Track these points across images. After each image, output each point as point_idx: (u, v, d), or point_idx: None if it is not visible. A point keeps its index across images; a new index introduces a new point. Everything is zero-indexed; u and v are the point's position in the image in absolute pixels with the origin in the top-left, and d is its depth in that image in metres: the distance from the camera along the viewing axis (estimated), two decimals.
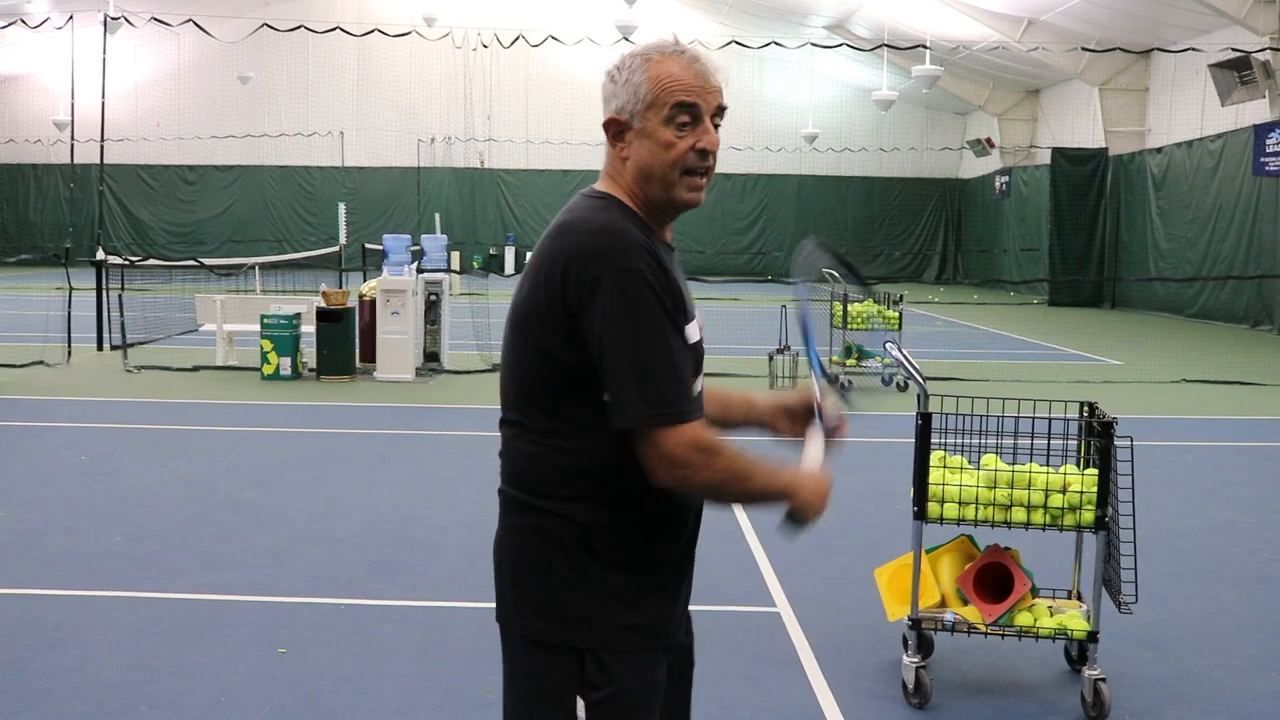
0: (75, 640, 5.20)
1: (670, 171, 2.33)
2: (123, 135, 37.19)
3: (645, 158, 2.34)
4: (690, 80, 2.32)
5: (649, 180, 2.35)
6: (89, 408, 11.80)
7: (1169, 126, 27.96)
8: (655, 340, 2.22)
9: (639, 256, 2.24)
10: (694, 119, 2.33)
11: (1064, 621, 4.69)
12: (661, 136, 2.32)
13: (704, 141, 2.34)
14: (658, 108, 2.32)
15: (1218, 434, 11.36)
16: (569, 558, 2.34)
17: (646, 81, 2.32)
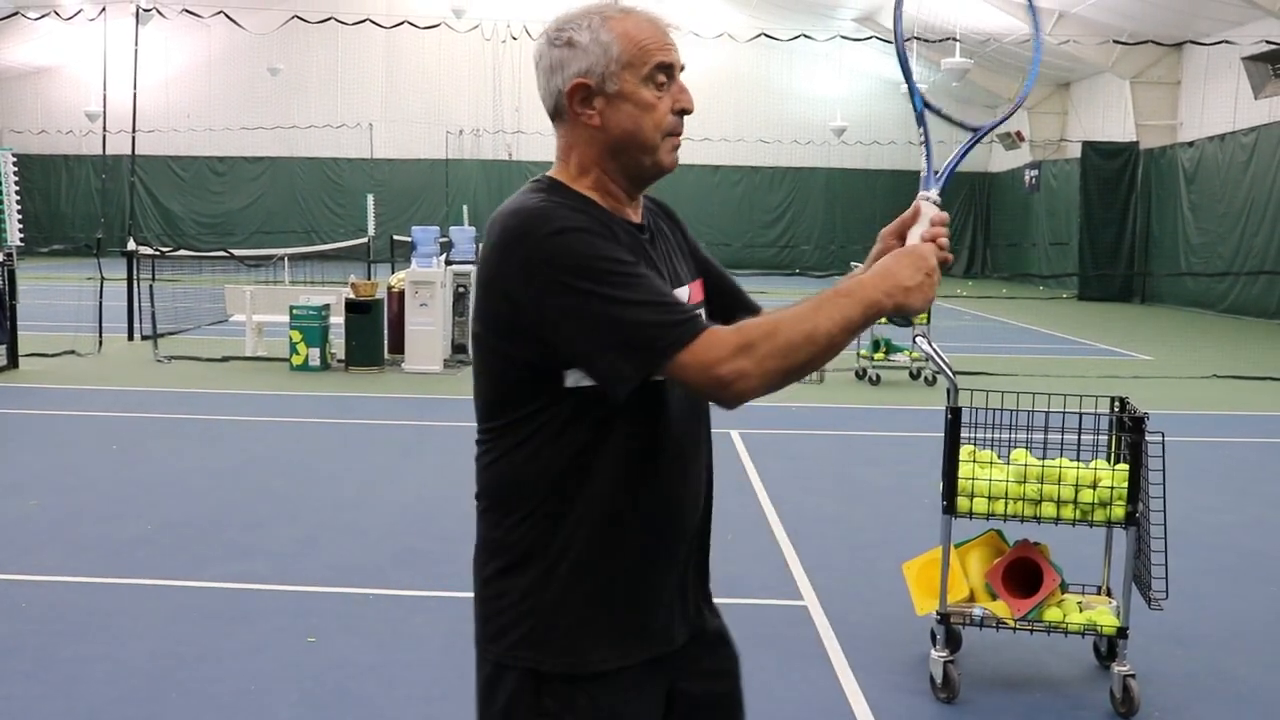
0: (105, 627, 5.24)
1: (654, 134, 2.14)
2: (153, 127, 37.31)
3: (625, 123, 2.14)
4: (660, 37, 2.15)
5: (630, 148, 2.15)
6: (119, 397, 11.88)
7: (1201, 120, 27.73)
8: (618, 284, 2.00)
9: (553, 220, 2.04)
10: (669, 79, 2.15)
11: (1093, 617, 4.66)
12: (642, 98, 2.13)
13: (684, 100, 2.17)
14: (635, 67, 2.12)
15: (1249, 430, 11.27)
16: (519, 567, 2.16)
17: (617, 40, 2.12)
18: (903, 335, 12.19)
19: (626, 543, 2.16)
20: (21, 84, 41.64)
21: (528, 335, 2.06)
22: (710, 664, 2.36)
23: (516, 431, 2.14)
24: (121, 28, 20.88)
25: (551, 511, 2.14)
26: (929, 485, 6.16)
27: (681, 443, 2.21)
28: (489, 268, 2.10)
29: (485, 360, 2.17)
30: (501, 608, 2.18)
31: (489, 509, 2.22)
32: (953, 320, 22.23)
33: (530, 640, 2.15)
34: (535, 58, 2.22)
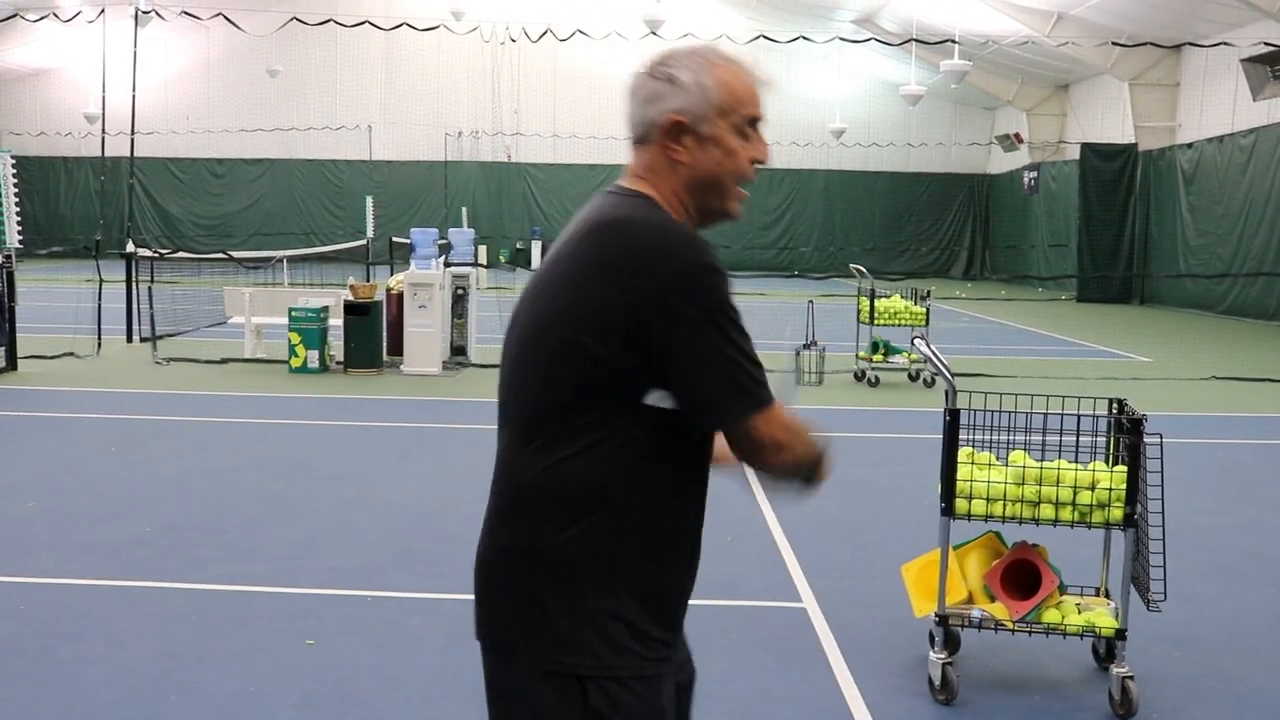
0: (104, 629, 5.24)
1: (731, 180, 2.27)
2: (152, 128, 37.37)
3: (710, 165, 2.25)
4: (756, 90, 2.29)
5: (707, 189, 2.27)
6: (118, 399, 11.88)
7: (1200, 122, 27.75)
8: (740, 332, 2.15)
9: (705, 252, 2.14)
10: (754, 130, 2.30)
11: (1092, 619, 4.67)
12: (728, 144, 2.25)
13: (761, 152, 2.30)
14: (728, 115, 2.24)
15: (1247, 431, 11.27)
16: (566, 578, 2.21)
17: (717, 86, 2.23)
18: (901, 337, 12.19)
19: (670, 554, 2.29)
20: (20, 86, 41.65)
21: (638, 350, 2.12)
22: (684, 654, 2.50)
23: (585, 435, 2.18)
24: (120, 29, 20.88)
25: (608, 519, 2.20)
26: (927, 487, 6.16)
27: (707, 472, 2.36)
28: (614, 276, 2.12)
29: (565, 360, 2.17)
30: (548, 614, 2.21)
31: (539, 512, 2.23)
32: (951, 322, 22.24)
33: (578, 646, 2.20)
34: (631, 85, 2.30)
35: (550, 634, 2.21)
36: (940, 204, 42.39)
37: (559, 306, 2.18)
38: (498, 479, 2.35)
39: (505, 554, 2.29)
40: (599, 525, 2.20)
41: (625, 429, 2.17)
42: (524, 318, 2.27)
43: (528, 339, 2.24)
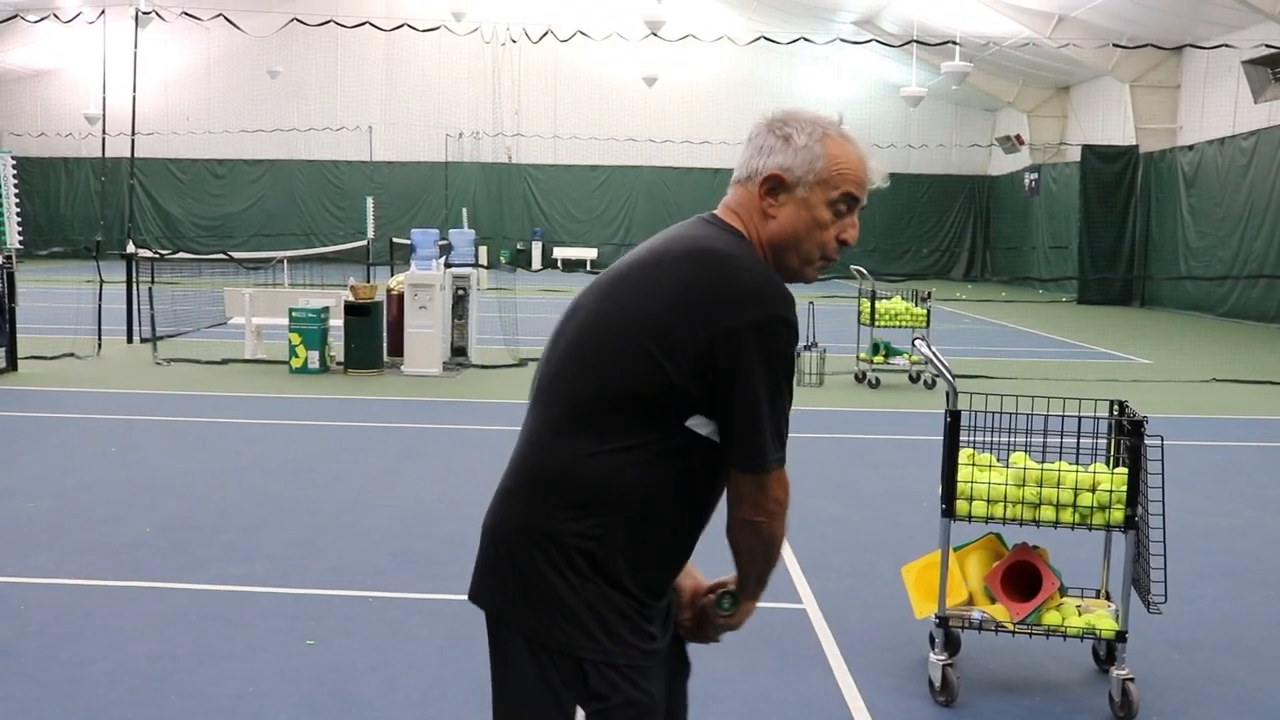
0: (104, 629, 5.24)
1: (813, 250, 2.38)
2: (153, 129, 37.37)
3: (797, 227, 2.36)
4: (863, 174, 2.38)
5: (788, 249, 2.38)
6: (118, 400, 11.88)
7: (1201, 124, 27.75)
8: (790, 392, 2.30)
9: (792, 309, 2.28)
10: (849, 210, 2.38)
11: (1092, 621, 4.66)
12: (820, 215, 2.35)
13: (849, 234, 2.39)
14: (827, 187, 2.34)
15: (1248, 434, 11.27)
16: (579, 566, 2.30)
17: (825, 157, 2.34)
18: (902, 338, 12.19)
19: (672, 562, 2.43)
20: (21, 87, 41.65)
21: (702, 376, 2.24)
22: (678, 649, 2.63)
23: (626, 438, 2.29)
24: (121, 30, 20.88)
25: (627, 521, 2.31)
26: (928, 488, 6.16)
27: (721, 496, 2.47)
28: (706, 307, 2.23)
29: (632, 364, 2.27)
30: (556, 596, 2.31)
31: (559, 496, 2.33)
32: (952, 324, 22.24)
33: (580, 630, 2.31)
34: (751, 132, 2.44)
35: (555, 615, 2.31)
36: (941, 205, 42.39)
37: (643, 313, 2.27)
38: (522, 456, 2.43)
39: (520, 532, 2.37)
40: (617, 524, 2.30)
41: (663, 442, 2.28)
42: (594, 310, 2.37)
43: (597, 331, 2.34)
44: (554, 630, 2.32)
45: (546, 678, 2.34)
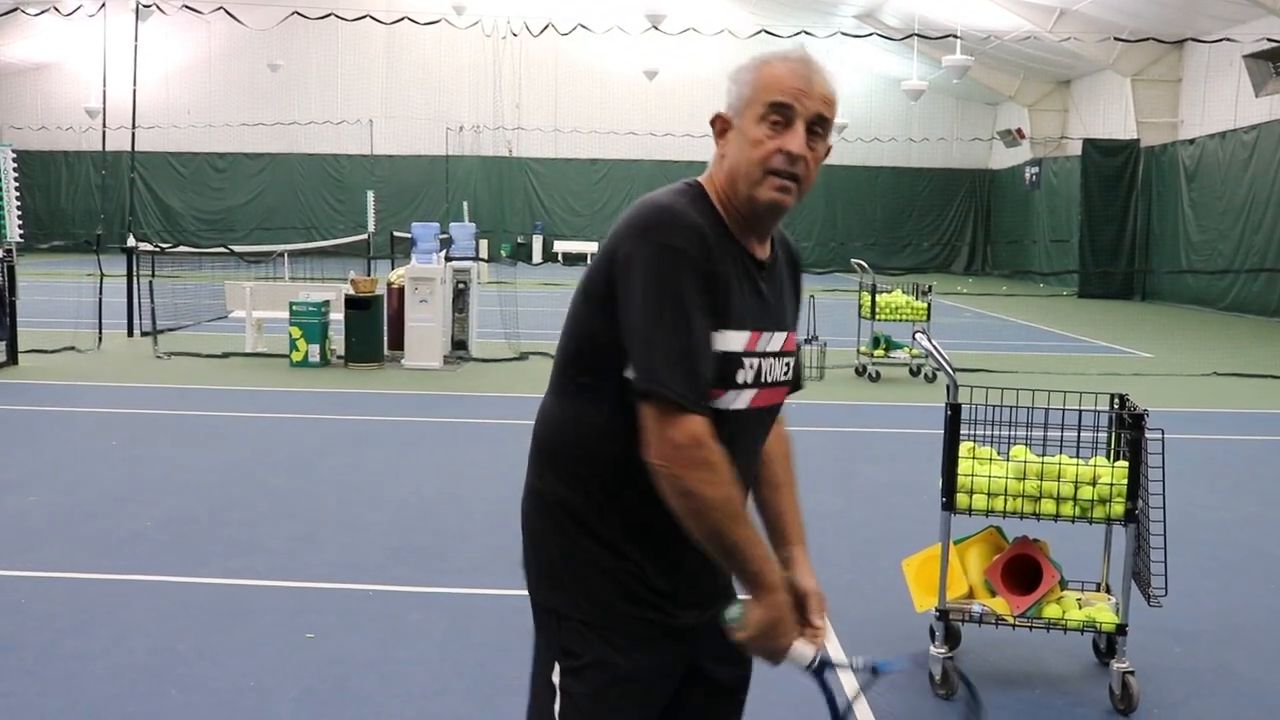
0: (104, 624, 5.24)
1: (754, 169, 2.27)
2: (153, 123, 37.37)
3: (735, 155, 2.30)
4: (790, 82, 2.26)
5: (736, 179, 2.30)
6: (119, 393, 11.88)
7: (1202, 118, 27.72)
8: (677, 319, 2.17)
9: (684, 237, 2.19)
10: (787, 121, 2.26)
11: (1092, 614, 4.66)
12: (752, 134, 2.28)
13: (790, 144, 2.25)
14: (754, 105, 2.27)
15: (1248, 428, 11.27)
16: (561, 523, 2.35)
17: (752, 81, 2.29)
18: (903, 332, 12.18)
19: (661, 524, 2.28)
20: (21, 80, 41.64)
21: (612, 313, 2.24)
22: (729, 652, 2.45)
23: (584, 394, 2.33)
24: (121, 24, 20.86)
25: (599, 476, 2.33)
26: (928, 482, 6.15)
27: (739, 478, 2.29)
28: (607, 246, 2.28)
29: (575, 322, 2.35)
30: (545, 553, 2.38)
31: (544, 456, 2.41)
32: (953, 317, 22.23)
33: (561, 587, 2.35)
34: None
35: (540, 569, 2.39)
36: (942, 199, 42.38)
37: (586, 272, 2.37)
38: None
39: (525, 494, 2.46)
40: (592, 480, 2.33)
41: (611, 393, 2.27)
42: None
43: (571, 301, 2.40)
44: (539, 584, 2.39)
45: (538, 635, 2.41)
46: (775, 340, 2.38)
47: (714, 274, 2.22)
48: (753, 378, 2.33)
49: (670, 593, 2.36)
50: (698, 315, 2.19)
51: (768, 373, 2.37)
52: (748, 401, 2.34)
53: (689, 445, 2.16)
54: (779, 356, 2.40)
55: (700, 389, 2.18)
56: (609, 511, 2.32)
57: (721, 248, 2.26)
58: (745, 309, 2.30)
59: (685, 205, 2.27)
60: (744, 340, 2.29)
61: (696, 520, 2.20)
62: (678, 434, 2.15)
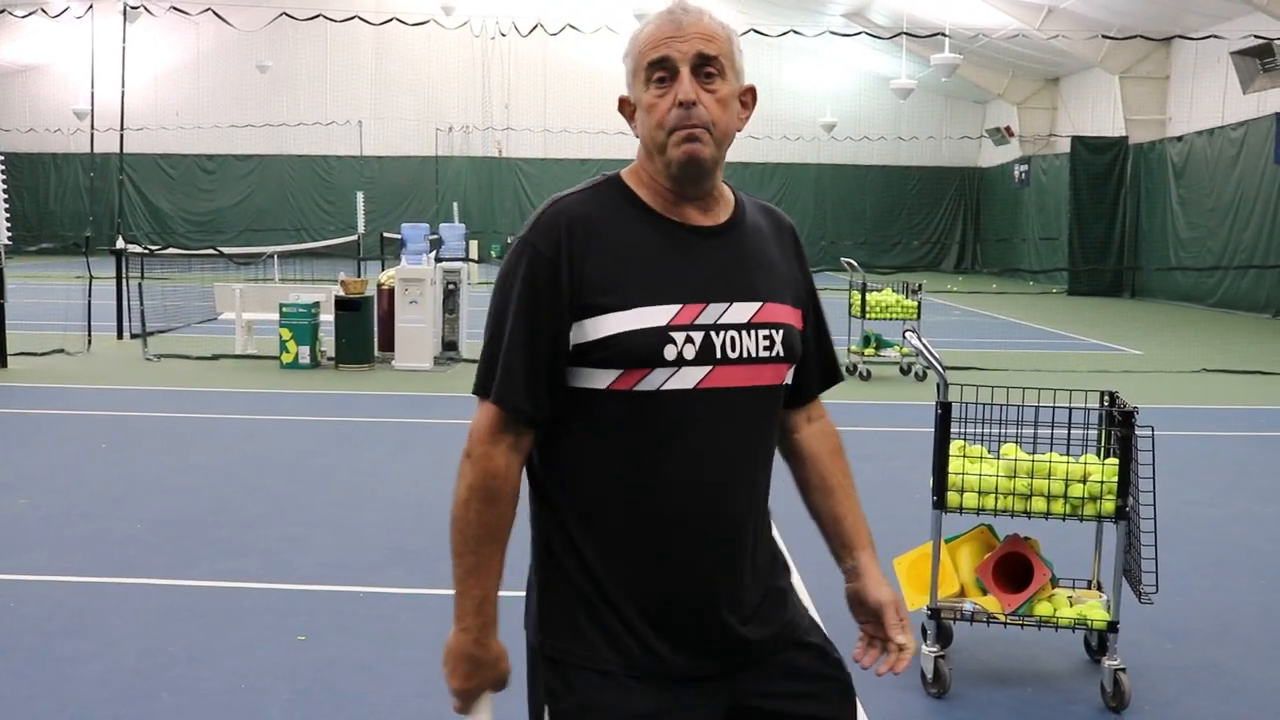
0: (95, 626, 5.23)
1: (658, 133, 2.14)
2: (142, 124, 37.30)
3: (641, 129, 2.19)
4: (659, 35, 2.13)
5: (650, 152, 2.19)
6: (109, 396, 11.86)
7: (1190, 115, 27.80)
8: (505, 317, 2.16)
9: (543, 232, 2.14)
10: (671, 74, 2.13)
11: (1084, 611, 4.67)
12: (644, 100, 2.16)
13: (681, 92, 2.11)
14: (638, 74, 2.16)
15: (1238, 424, 11.30)
16: (541, 555, 2.27)
17: (630, 52, 2.19)
18: (893, 330, 12.19)
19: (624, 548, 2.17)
20: (9, 82, 41.53)
21: None
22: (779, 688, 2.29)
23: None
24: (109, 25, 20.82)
25: (552, 502, 2.23)
26: (919, 480, 6.16)
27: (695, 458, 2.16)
28: None
29: None
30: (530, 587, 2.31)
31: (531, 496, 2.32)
32: (943, 315, 22.26)
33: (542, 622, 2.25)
34: None
35: (530, 605, 2.30)
36: (931, 198, 42.43)
37: None
38: None
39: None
40: (550, 507, 2.24)
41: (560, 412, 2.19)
42: None
43: None
44: (526, 619, 2.30)
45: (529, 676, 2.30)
46: (734, 312, 2.17)
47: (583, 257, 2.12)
48: (696, 354, 2.12)
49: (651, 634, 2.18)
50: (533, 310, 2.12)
51: (727, 347, 2.15)
52: (695, 381, 2.13)
53: (475, 436, 2.20)
54: (747, 329, 2.18)
55: (499, 382, 2.15)
56: (569, 540, 2.20)
57: (622, 227, 2.16)
58: (667, 282, 2.14)
59: (568, 198, 2.21)
60: (668, 314, 2.11)
61: (453, 513, 2.28)
62: (475, 423, 2.20)
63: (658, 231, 2.18)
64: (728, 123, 2.18)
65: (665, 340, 2.11)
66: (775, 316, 2.23)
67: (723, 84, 2.16)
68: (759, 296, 2.22)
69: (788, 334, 2.25)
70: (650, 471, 2.15)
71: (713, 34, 2.16)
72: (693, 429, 2.14)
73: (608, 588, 2.17)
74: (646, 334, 2.10)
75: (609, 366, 2.11)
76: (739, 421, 2.20)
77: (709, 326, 2.14)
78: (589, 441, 2.17)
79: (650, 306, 2.12)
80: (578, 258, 2.12)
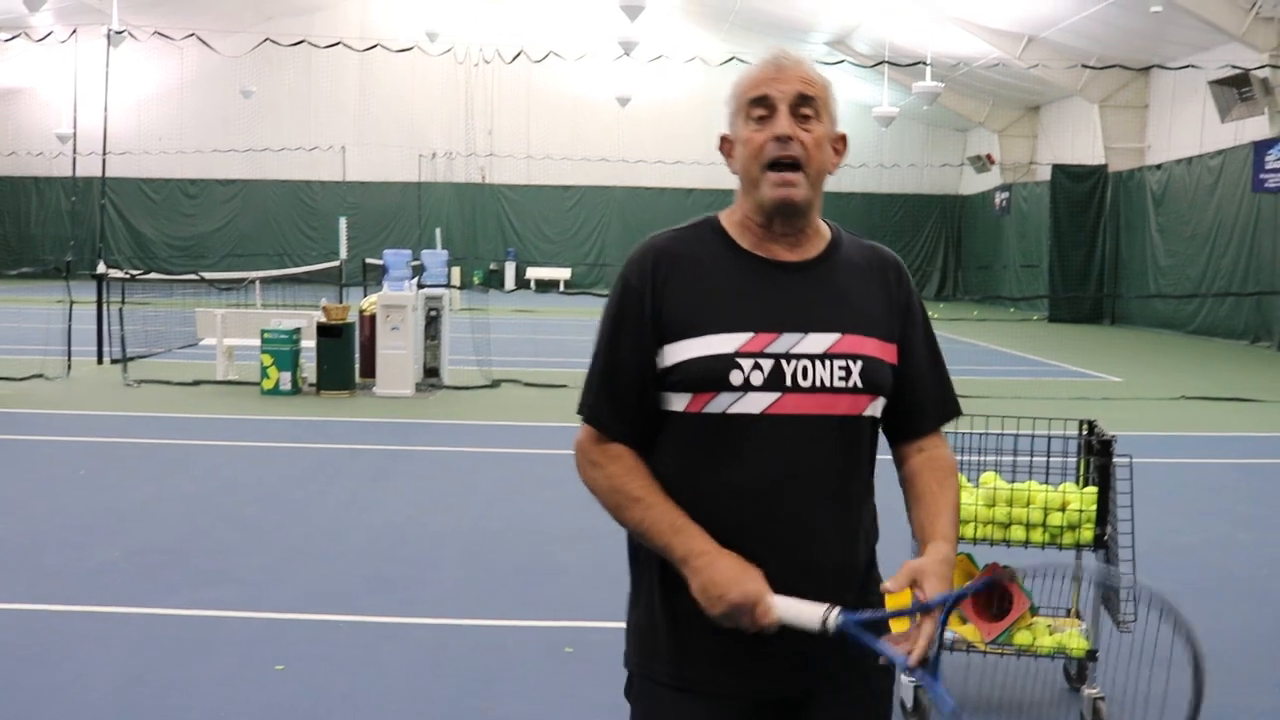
0: (72, 656, 5.19)
1: (754, 167, 2.27)
2: (125, 149, 37.24)
3: (739, 164, 2.32)
4: (761, 76, 2.30)
5: (745, 187, 2.32)
6: (88, 421, 11.80)
7: (1169, 143, 28.01)
8: (600, 343, 2.35)
9: (635, 266, 2.31)
10: (769, 111, 2.27)
11: (1063, 640, 4.68)
12: (742, 135, 2.30)
13: (777, 128, 2.24)
14: (739, 112, 2.31)
15: (1217, 451, 11.35)
16: (631, 567, 2.41)
17: (732, 93, 2.34)
18: None
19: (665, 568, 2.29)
20: None
21: None
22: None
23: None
24: (93, 50, 20.83)
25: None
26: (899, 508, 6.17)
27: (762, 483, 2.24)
28: None
29: None
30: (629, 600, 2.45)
31: None
32: None
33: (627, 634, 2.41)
34: None
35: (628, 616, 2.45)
36: (913, 225, 42.61)
37: None
38: None
39: None
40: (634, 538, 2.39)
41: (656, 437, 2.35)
42: None
43: None
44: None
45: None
46: (809, 342, 2.24)
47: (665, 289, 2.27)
48: (764, 380, 2.22)
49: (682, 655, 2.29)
50: (620, 338, 2.31)
51: (798, 375, 2.23)
52: (763, 406, 2.22)
53: (577, 449, 2.36)
54: (822, 360, 2.24)
55: (592, 402, 2.34)
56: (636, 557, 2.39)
57: (707, 262, 2.29)
58: (742, 312, 2.25)
59: (665, 233, 2.37)
60: (738, 342, 2.22)
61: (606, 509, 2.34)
62: (578, 442, 2.37)
63: (740, 266, 2.31)
64: (821, 162, 2.30)
65: (732, 366, 2.23)
66: (856, 348, 2.29)
67: (818, 125, 2.29)
68: (838, 328, 2.29)
69: (869, 366, 2.30)
70: (716, 494, 2.26)
71: (812, 79, 2.31)
72: (760, 452, 2.24)
73: (679, 603, 2.25)
74: (714, 360, 2.23)
75: (682, 390, 2.26)
76: (812, 450, 2.27)
77: (780, 355, 2.24)
78: (671, 460, 2.30)
79: (721, 334, 2.24)
80: (660, 289, 2.27)
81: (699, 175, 40.35)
